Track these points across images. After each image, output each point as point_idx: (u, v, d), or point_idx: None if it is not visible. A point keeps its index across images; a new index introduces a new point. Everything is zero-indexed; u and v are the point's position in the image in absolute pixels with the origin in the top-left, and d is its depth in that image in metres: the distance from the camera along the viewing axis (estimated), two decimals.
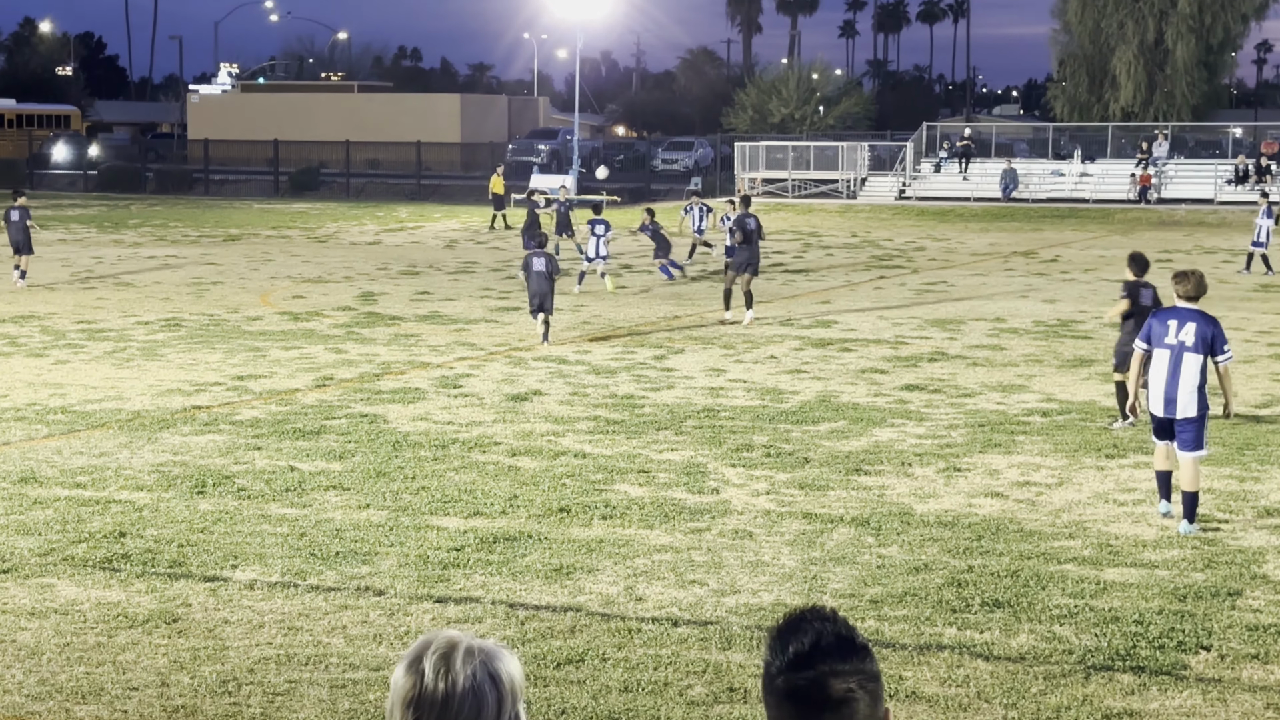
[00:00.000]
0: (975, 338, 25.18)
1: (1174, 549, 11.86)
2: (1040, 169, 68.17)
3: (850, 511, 13.09)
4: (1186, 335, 12.56)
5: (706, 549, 11.92)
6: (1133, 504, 13.39)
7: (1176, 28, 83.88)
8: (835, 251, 42.12)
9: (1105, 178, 66.53)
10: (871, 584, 10.96)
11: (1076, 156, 68.58)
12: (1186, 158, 69.68)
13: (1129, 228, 53.87)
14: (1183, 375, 12.52)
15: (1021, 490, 13.95)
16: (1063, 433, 16.79)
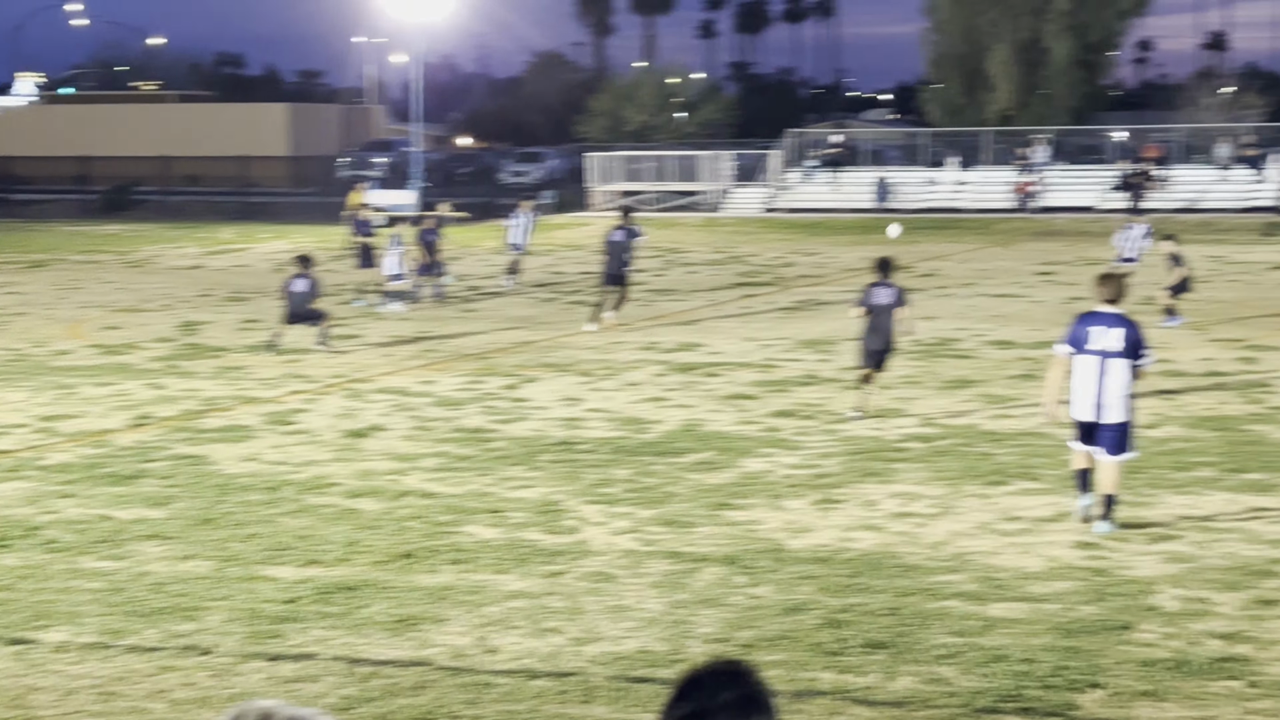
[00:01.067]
0: (849, 359, 25.43)
1: (1061, 581, 12.06)
2: (914, 177, 69.19)
3: (719, 549, 13.15)
4: (1111, 340, 13.35)
5: (564, 594, 11.90)
6: (1018, 534, 13.61)
7: (1053, 26, 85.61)
8: (699, 269, 42.35)
9: (983, 185, 67.70)
10: (742, 627, 11.01)
11: (952, 163, 69.71)
12: (1067, 164, 71.12)
13: (1008, 238, 54.82)
14: (1108, 380, 13.33)
15: (900, 522, 14.11)
16: (943, 459, 17.03)
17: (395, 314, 31.92)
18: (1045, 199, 65.80)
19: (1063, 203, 65.00)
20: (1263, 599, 11.49)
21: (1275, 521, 13.97)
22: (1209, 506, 14.61)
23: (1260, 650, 10.37)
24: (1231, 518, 14.15)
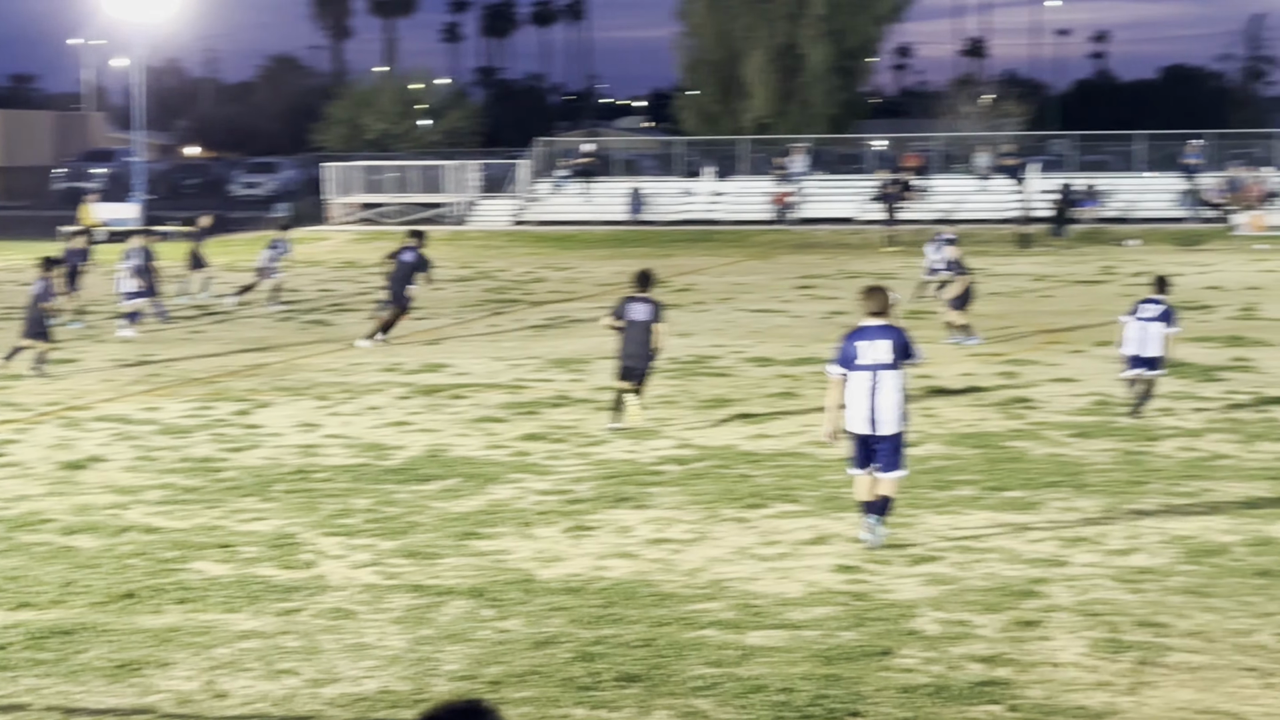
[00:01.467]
0: (602, 378, 25.57)
1: (821, 606, 12.26)
2: (670, 187, 69.83)
3: (465, 581, 13.10)
4: (881, 352, 13.93)
5: (300, 633, 11.74)
6: (777, 558, 13.81)
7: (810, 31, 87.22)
8: (444, 285, 42.22)
9: (740, 196, 68.61)
10: (490, 663, 10.98)
11: (708, 173, 70.55)
12: (826, 174, 72.45)
13: (767, 251, 55.65)
14: (882, 393, 13.95)
15: (656, 549, 14.22)
16: (700, 482, 17.21)
17: (127, 337, 31.19)
18: (804, 210, 66.91)
19: (822, 214, 66.17)
20: (1023, 620, 11.82)
21: (1036, 540, 14.39)
22: (970, 526, 14.99)
23: (1020, 673, 10.66)
24: (992, 537, 14.54)
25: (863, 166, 72.99)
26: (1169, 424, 20.78)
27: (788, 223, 65.42)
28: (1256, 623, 11.68)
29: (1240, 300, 36.82)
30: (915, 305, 34.25)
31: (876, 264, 50.58)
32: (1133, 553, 13.86)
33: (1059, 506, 15.84)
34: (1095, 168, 70.85)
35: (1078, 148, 72.21)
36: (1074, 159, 71.04)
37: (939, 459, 18.53)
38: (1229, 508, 15.69)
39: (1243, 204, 62.28)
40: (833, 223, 64.67)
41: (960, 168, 72.00)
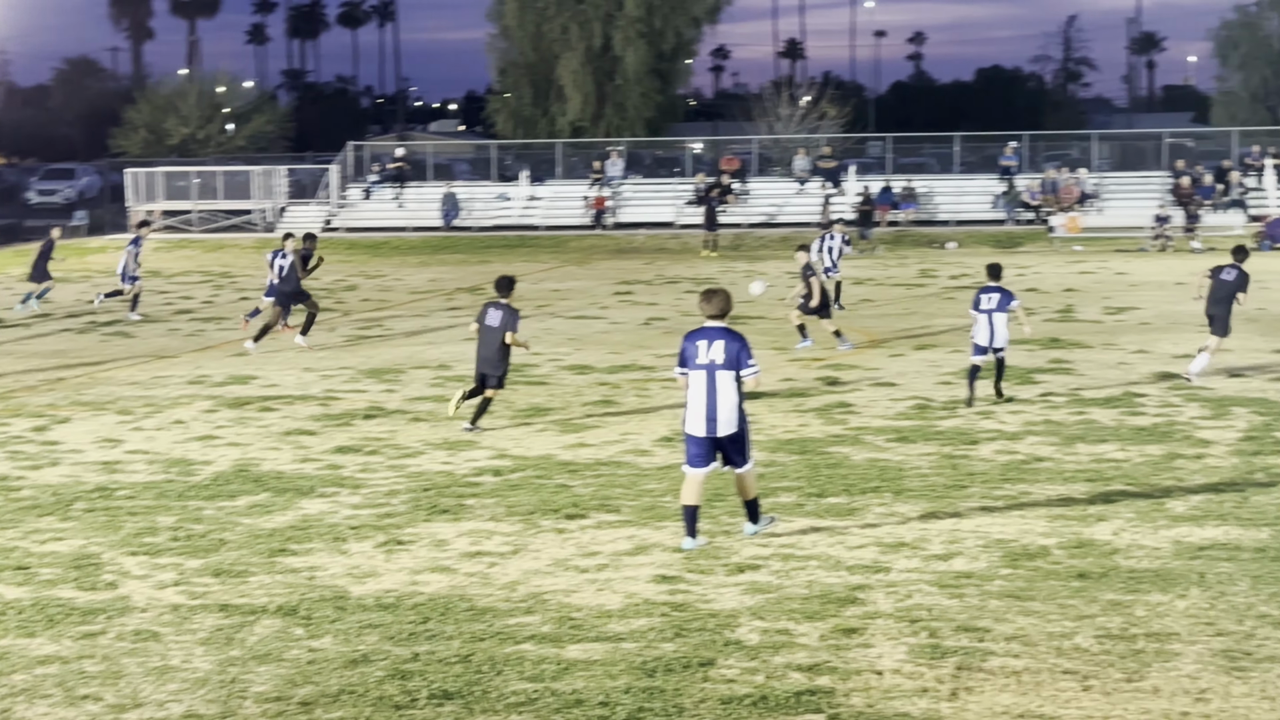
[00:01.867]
0: (417, 388, 25.47)
1: (641, 618, 12.30)
2: (485, 192, 69.65)
3: (275, 599, 12.96)
4: (716, 353, 14.47)
5: (102, 656, 11.53)
6: (596, 570, 13.82)
7: (625, 32, 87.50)
8: (252, 295, 41.71)
9: (557, 201, 68.64)
10: (302, 683, 10.87)
11: (524, 178, 70.47)
12: (644, 177, 72.72)
13: (585, 256, 55.75)
14: (719, 393, 14.37)
15: (472, 562, 14.17)
16: (517, 493, 17.18)
17: None
18: (622, 214, 67.13)
19: (640, 218, 66.44)
20: (844, 628, 11.95)
21: (857, 546, 14.56)
22: (791, 533, 15.12)
23: (842, 681, 10.78)
24: (813, 544, 14.68)
25: (680, 170, 73.38)
26: (988, 427, 21.15)
27: (605, 227, 65.60)
28: (1075, 625, 11.92)
29: (1058, 302, 37.59)
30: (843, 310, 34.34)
31: (696, 269, 50.89)
32: (953, 557, 14.08)
33: (880, 512, 16.05)
34: (913, 170, 71.96)
35: (895, 150, 73.22)
36: (892, 161, 72.01)
37: (760, 466, 18.66)
38: (1047, 511, 16.00)
39: (1059, 206, 63.58)
40: (651, 227, 64.97)
41: (779, 171, 72.65)
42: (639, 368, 27.60)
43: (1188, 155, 70.95)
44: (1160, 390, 24.13)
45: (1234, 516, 15.52)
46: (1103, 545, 14.41)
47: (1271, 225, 57.69)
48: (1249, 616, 12.01)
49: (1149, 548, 14.32)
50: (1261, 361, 27.11)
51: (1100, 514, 15.76)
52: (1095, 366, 26.92)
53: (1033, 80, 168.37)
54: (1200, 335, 30.58)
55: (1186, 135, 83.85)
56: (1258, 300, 37.05)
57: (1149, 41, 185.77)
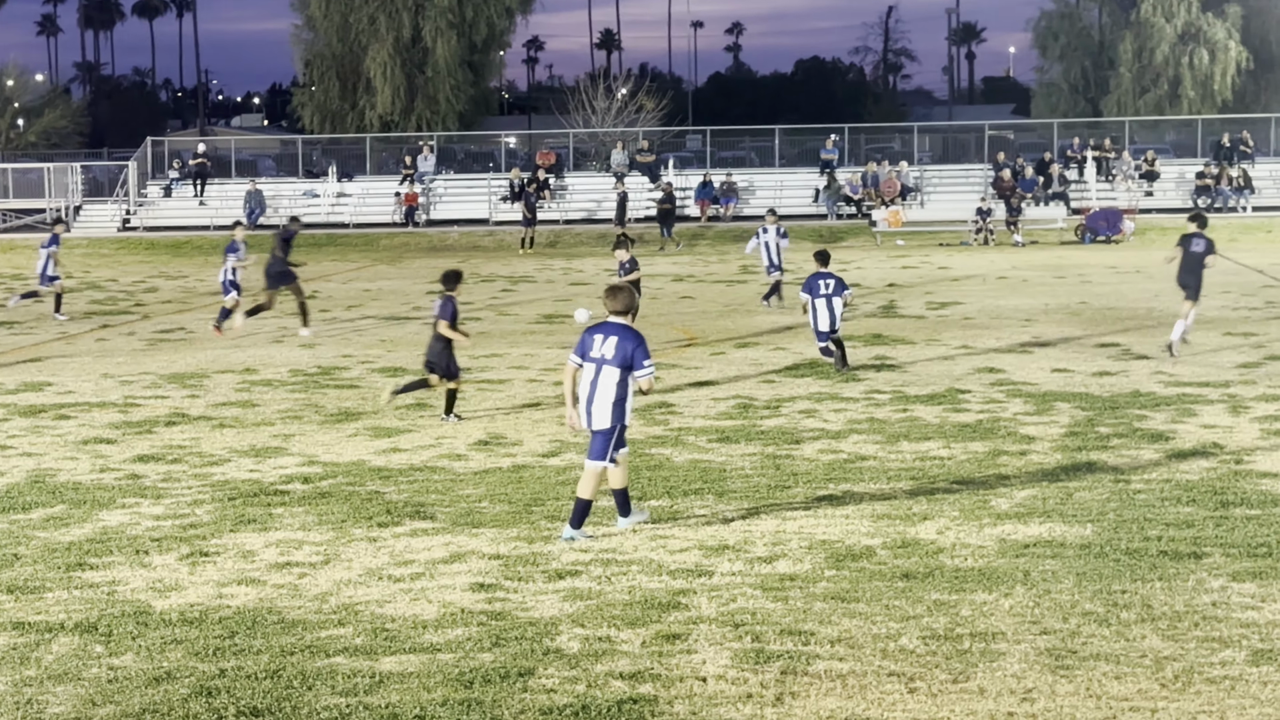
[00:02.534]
0: (222, 393, 25.18)
1: (457, 628, 12.26)
2: (291, 189, 69.07)
3: (73, 616, 12.73)
4: (608, 349, 15.29)
5: None
6: (411, 579, 13.75)
7: (435, 23, 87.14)
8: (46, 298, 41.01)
9: (366, 198, 68.25)
10: (102, 703, 10.69)
11: (332, 174, 69.97)
12: (456, 172, 72.52)
13: (397, 254, 55.48)
14: (599, 388, 15.26)
15: (282, 573, 14.03)
16: (328, 501, 17.04)
17: None
18: (434, 211, 66.90)
19: (454, 215, 66.28)
20: (667, 634, 12.00)
21: (679, 550, 14.62)
22: (611, 538, 15.16)
23: (665, 688, 10.82)
24: (635, 548, 14.73)
25: (495, 165, 73.26)
26: (812, 426, 21.37)
27: (417, 225, 65.31)
28: (900, 626, 12.07)
29: (881, 298, 38.11)
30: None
31: (512, 266, 50.91)
32: (777, 559, 14.19)
33: (702, 515, 16.14)
34: (733, 164, 72.50)
35: (714, 143, 73.71)
36: (711, 155, 72.49)
37: (578, 469, 18.70)
38: (872, 510, 16.19)
39: (881, 200, 64.43)
40: (465, 224, 64.84)
41: (595, 165, 72.86)
42: None
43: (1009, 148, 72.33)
44: (983, 386, 24.54)
45: (1058, 513, 15.83)
46: (927, 545, 14.61)
47: (1091, 218, 59.00)
48: (1073, 614, 12.25)
49: (974, 546, 14.55)
50: (1084, 355, 27.68)
51: (925, 513, 15.99)
52: (919, 363, 27.32)
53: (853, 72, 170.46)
54: (1022, 330, 31.15)
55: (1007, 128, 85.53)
56: (1079, 294, 37.86)
57: (969, 32, 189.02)
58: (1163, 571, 13.43)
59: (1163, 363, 26.57)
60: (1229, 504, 16.14)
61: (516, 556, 14.45)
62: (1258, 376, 25.09)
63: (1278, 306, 35.48)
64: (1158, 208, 65.08)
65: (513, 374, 26.89)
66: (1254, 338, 29.92)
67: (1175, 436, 20.12)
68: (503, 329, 34.03)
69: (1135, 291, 38.53)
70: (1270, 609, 12.30)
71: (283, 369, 27.86)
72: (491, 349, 30.19)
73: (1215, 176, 65.35)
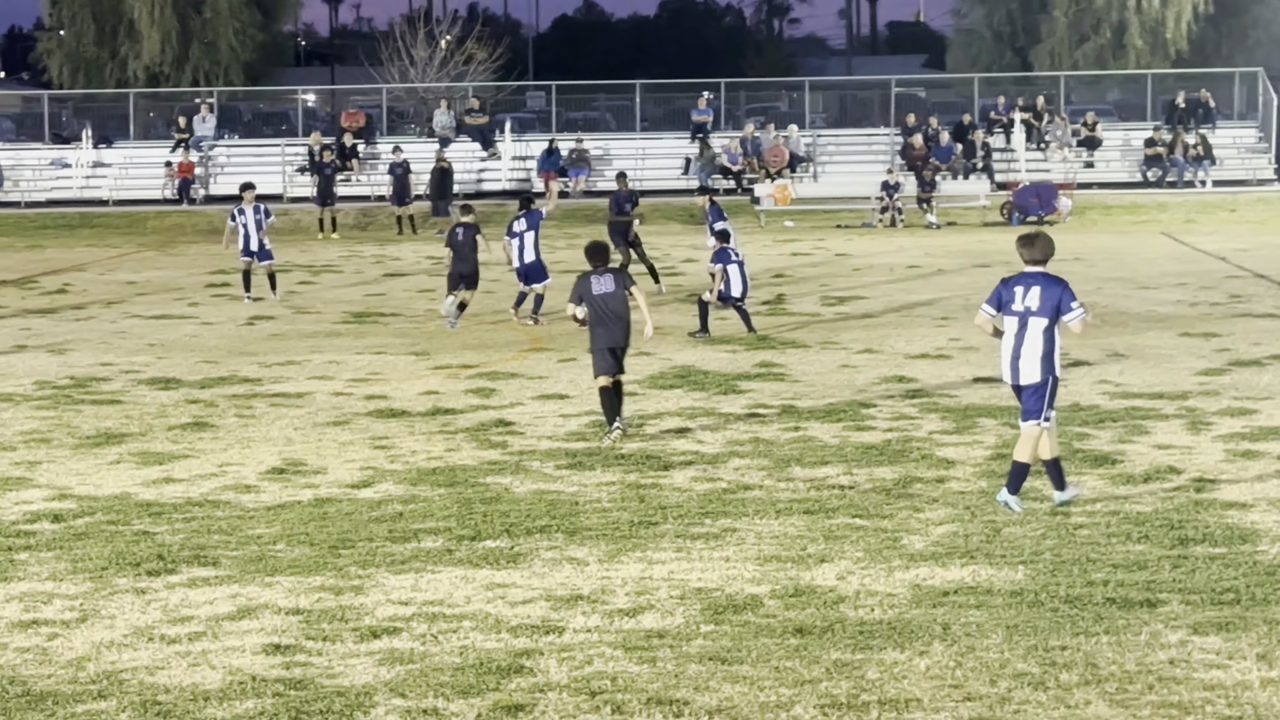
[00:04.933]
0: None
1: (248, 699, 12.15)
2: (35, 157, 68.30)
3: None
4: (1032, 300, 17.49)
5: None
6: (188, 639, 13.62)
7: None
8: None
9: (130, 168, 67.63)
10: None
11: (86, 139, 69.23)
12: (242, 137, 71.98)
13: (168, 238, 55.05)
14: (1026, 341, 17.48)
15: (27, 634, 13.86)
16: (85, 543, 16.86)
17: None
18: (215, 185, 66.44)
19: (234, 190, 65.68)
20: (508, 704, 11.96)
21: (522, 602, 14.59)
22: (438, 588, 15.10)
23: None
24: (467, 600, 14.68)
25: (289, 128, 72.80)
26: (683, 448, 21.43)
27: (194, 202, 64.80)
28: (794, 693, 12.10)
29: (766, 291, 38.27)
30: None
31: (312, 254, 50.68)
32: (642, 612, 14.20)
33: (550, 558, 16.12)
34: (584, 127, 72.53)
35: (561, 102, 73.70)
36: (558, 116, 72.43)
37: (396, 502, 18.65)
38: (758, 551, 16.23)
39: (765, 171, 64.70)
40: None
41: (415, 129, 72.62)
42: (240, 380, 27.33)
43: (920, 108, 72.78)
44: (891, 399, 24.73)
45: (983, 553, 15.96)
46: (825, 593, 14.68)
47: (1020, 194, 59.59)
48: (1003, 675, 12.34)
49: (882, 594, 14.63)
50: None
51: (822, 554, 16.07)
52: (813, 371, 27.48)
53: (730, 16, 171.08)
54: (938, 330, 31.45)
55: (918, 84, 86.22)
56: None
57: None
58: (1110, 624, 13.57)
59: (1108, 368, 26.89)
60: (1188, 541, 16.36)
61: (320, 611, 14.37)
62: (1220, 386, 25.47)
63: (1243, 301, 36.03)
64: (1100, 181, 65.80)
65: (314, 385, 26.75)
66: (1215, 339, 30.37)
67: (1124, 459, 20.38)
68: (301, 330, 33.86)
69: (1075, 283, 38.96)
70: (1238, 667, 12.44)
71: (25, 380, 27.53)
72: (287, 355, 30.02)
73: (1168, 144, 66.09)
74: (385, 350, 30.47)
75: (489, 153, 67.15)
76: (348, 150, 65.32)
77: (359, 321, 35.19)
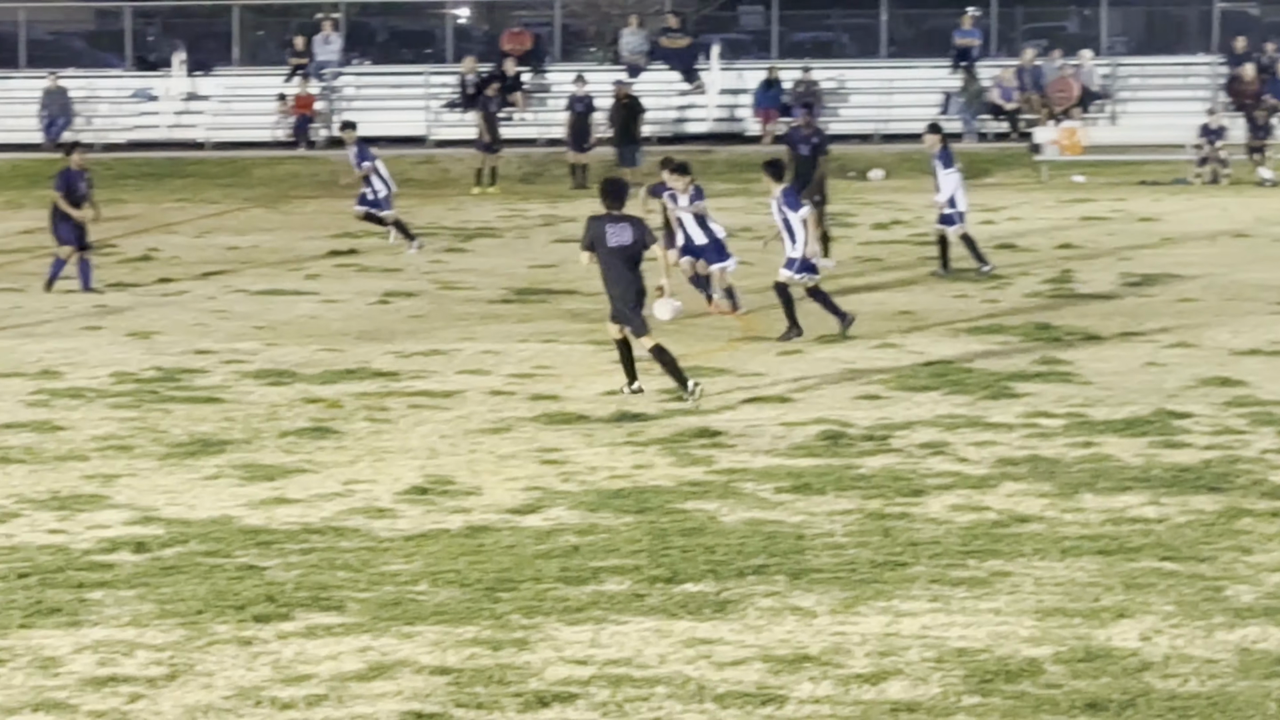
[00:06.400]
0: (4, 409, 25.21)
1: None
2: (114, 87, 68.86)
3: None
4: None
5: None
6: (305, 704, 13.74)
7: None
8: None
9: (233, 103, 68.13)
10: None
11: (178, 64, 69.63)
12: (375, 63, 72.27)
13: (280, 192, 55.48)
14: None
15: (103, 694, 14.02)
16: (176, 580, 17.03)
17: None
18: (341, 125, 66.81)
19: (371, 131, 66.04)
20: None
21: (730, 664, 14.58)
22: (624, 643, 15.13)
23: None
24: (661, 659, 14.70)
25: (436, 52, 72.97)
26: (939, 467, 21.34)
27: (313, 145, 65.20)
28: None
29: (1049, 267, 38.03)
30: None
31: (465, 213, 50.87)
32: (886, 678, 14.17)
33: (767, 607, 16.11)
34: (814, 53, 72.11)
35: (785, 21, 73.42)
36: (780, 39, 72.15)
37: (570, 532, 18.69)
38: (1036, 602, 16.16)
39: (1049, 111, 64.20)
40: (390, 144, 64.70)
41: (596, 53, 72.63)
42: (372, 374, 27.49)
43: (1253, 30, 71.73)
44: (1212, 407, 24.50)
45: None
46: (1125, 657, 14.60)
47: None
48: None
49: (1199, 660, 14.52)
50: None
51: (1121, 607, 15.97)
52: (1108, 370, 27.29)
53: None
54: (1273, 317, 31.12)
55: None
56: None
57: None
58: None
59: None
60: None
61: (474, 670, 14.44)
62: None
63: None
64: None
65: (465, 381, 26.84)
66: None
67: None
68: (448, 311, 34.00)
69: None
70: None
71: (100, 371, 27.82)
72: (431, 342, 30.16)
73: None
74: (556, 338, 30.52)
75: (691, 85, 67.07)
76: (509, 80, 65.36)
77: (522, 301, 35.29)
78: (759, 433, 23.39)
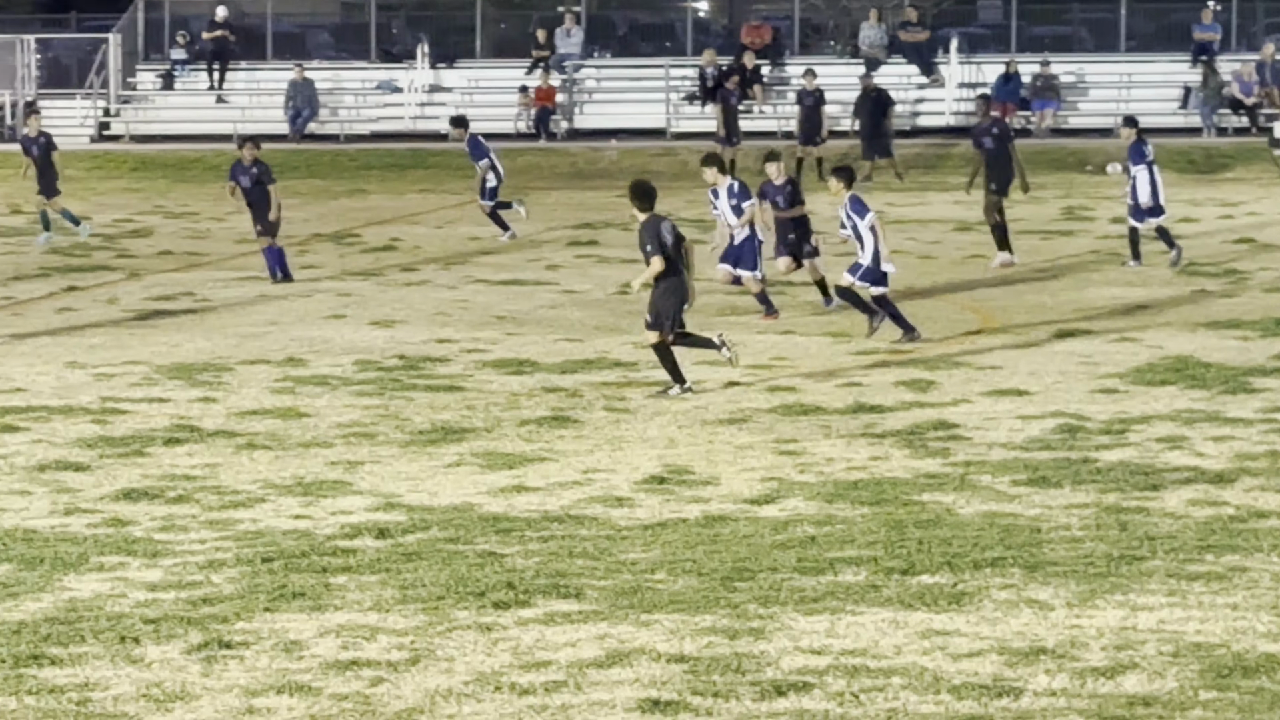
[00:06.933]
0: (251, 395, 25.41)
1: None
2: (359, 80, 69.34)
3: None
4: None
5: None
6: (544, 690, 13.78)
7: None
8: None
9: (475, 95, 68.33)
10: None
11: (422, 56, 70.04)
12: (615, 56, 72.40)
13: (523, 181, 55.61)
14: None
15: (345, 677, 14.12)
16: (417, 566, 17.13)
17: None
18: (581, 117, 66.93)
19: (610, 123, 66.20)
20: None
21: (966, 655, 14.52)
22: (860, 634, 15.10)
23: None
24: (896, 650, 14.66)
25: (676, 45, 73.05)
26: (1177, 462, 21.17)
27: (554, 137, 65.41)
28: None
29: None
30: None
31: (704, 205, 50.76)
32: (1123, 672, 14.07)
33: (1003, 600, 16.05)
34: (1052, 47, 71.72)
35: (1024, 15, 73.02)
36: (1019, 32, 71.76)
37: (807, 523, 18.67)
38: (1275, 598, 16.00)
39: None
40: (629, 136, 64.77)
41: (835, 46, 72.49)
42: (611, 364, 27.56)
43: None
44: None
45: None
46: None
47: None
48: None
49: None
50: None
51: None
52: None
53: None
54: None
55: None
56: None
57: None
58: None
59: None
60: None
61: (710, 659, 14.45)
62: None
63: None
64: None
65: (703, 372, 26.84)
66: None
67: None
68: None
69: None
70: None
71: (344, 359, 28.03)
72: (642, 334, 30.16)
73: None
74: (793, 329, 30.53)
75: (930, 79, 66.84)
76: (749, 73, 65.35)
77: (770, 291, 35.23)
78: (995, 426, 23.29)
